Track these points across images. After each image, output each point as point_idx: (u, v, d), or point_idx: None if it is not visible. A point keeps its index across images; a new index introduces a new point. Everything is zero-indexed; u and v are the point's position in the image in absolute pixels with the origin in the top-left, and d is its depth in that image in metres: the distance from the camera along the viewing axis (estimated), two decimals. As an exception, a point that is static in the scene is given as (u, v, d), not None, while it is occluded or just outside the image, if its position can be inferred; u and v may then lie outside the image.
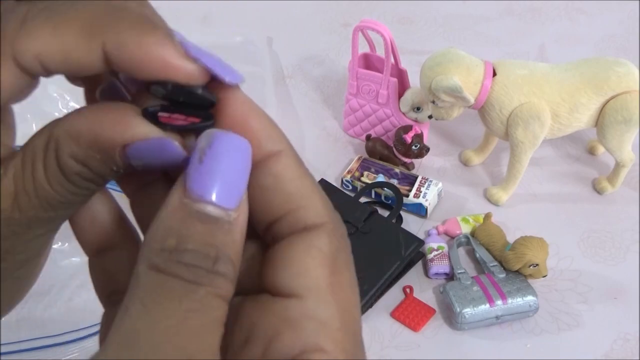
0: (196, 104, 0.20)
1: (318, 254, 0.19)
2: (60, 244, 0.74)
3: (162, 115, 0.19)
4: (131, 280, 0.18)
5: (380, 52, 0.82)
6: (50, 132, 0.20)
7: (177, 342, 0.16)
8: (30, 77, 0.19)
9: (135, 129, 0.19)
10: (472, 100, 0.69)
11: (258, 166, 0.20)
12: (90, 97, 0.23)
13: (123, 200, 0.24)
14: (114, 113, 0.19)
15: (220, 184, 0.18)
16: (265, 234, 0.21)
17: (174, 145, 0.19)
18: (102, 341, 0.23)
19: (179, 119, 0.19)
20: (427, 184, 0.77)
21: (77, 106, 0.21)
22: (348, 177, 0.80)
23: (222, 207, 0.18)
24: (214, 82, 0.20)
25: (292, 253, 0.19)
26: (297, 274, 0.19)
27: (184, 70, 0.19)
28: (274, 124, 0.21)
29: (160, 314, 0.17)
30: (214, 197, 0.18)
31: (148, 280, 0.17)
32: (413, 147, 0.78)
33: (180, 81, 0.19)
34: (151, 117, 0.19)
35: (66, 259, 0.73)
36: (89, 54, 0.18)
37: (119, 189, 0.24)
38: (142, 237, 0.23)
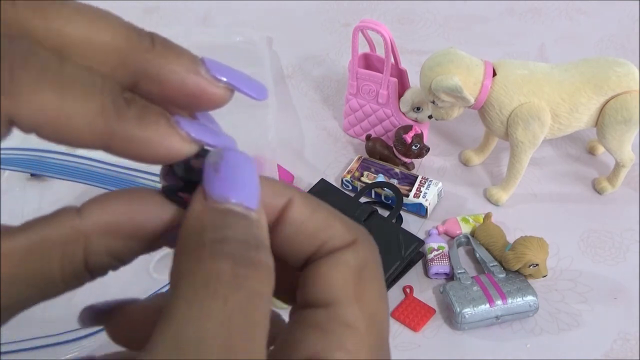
0: None
1: (344, 268, 0.20)
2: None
3: (185, 196, 0.20)
4: (171, 281, 0.18)
5: (380, 52, 0.82)
6: (73, 227, 0.19)
7: (224, 342, 0.16)
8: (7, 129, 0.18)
9: (175, 218, 0.20)
10: (472, 100, 0.69)
11: (277, 221, 0.21)
12: None
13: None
14: (149, 201, 0.20)
15: (240, 187, 0.19)
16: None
17: None
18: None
19: None
20: (427, 184, 0.77)
21: None
22: (348, 177, 0.80)
23: (246, 206, 0.19)
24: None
25: (321, 271, 0.21)
26: (325, 287, 0.20)
27: (185, 153, 0.19)
28: (274, 179, 0.22)
29: (206, 315, 0.17)
30: (237, 198, 0.19)
31: (191, 281, 0.17)
32: (413, 147, 0.78)
33: (181, 160, 0.19)
34: (175, 198, 0.20)
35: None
36: (91, 139, 0.18)
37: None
38: None
